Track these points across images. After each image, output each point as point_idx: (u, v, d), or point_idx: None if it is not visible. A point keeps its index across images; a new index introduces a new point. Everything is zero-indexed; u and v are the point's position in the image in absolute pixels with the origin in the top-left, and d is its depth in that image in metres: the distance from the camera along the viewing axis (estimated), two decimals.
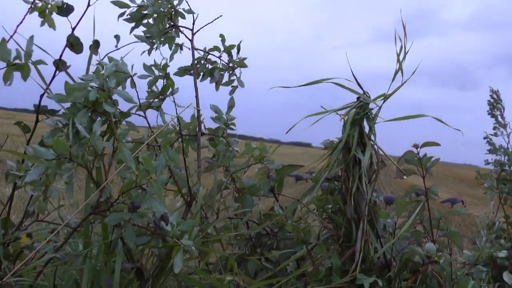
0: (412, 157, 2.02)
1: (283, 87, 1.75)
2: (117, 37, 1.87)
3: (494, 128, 3.98)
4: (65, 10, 1.87)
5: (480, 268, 3.07)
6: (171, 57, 1.63)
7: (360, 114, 1.69)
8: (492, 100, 3.99)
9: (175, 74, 1.99)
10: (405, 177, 1.91)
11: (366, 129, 1.73)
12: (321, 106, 1.66)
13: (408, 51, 1.63)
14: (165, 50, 2.03)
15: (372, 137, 1.72)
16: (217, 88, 1.99)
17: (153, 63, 1.68)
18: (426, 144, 1.97)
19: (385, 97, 1.70)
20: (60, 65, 1.77)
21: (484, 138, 4.05)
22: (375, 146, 1.70)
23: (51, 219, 1.92)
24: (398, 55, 1.63)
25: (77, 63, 1.85)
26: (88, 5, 1.91)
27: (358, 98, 1.74)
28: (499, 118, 3.99)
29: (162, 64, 1.67)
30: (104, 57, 1.72)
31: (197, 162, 1.77)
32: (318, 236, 1.70)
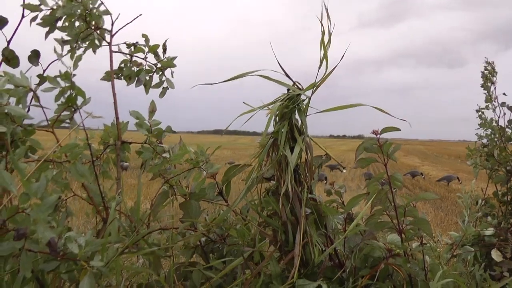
0: (372, 145, 1.90)
1: (206, 84, 1.61)
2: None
3: (486, 101, 3.77)
4: None
5: (467, 248, 2.93)
6: (75, 65, 1.50)
7: (290, 107, 1.55)
8: (486, 71, 3.75)
9: (102, 79, 1.87)
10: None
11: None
12: (244, 102, 1.53)
13: (331, 34, 1.48)
14: (90, 54, 1.92)
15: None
16: (147, 91, 1.86)
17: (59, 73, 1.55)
18: (386, 129, 1.84)
19: (315, 86, 1.56)
20: None
21: (477, 111, 3.85)
22: (308, 140, 1.56)
23: None
24: (322, 39, 1.49)
25: None
26: (23, 16, 1.80)
27: (288, 90, 1.61)
28: (492, 90, 3.76)
29: (68, 74, 1.54)
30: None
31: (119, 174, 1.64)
32: (254, 243, 1.57)
